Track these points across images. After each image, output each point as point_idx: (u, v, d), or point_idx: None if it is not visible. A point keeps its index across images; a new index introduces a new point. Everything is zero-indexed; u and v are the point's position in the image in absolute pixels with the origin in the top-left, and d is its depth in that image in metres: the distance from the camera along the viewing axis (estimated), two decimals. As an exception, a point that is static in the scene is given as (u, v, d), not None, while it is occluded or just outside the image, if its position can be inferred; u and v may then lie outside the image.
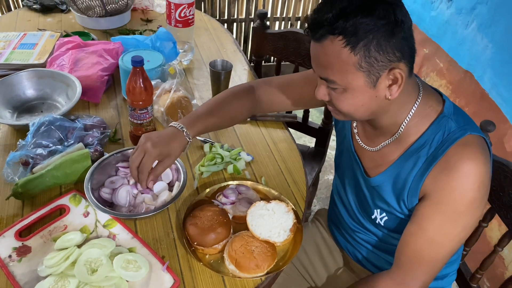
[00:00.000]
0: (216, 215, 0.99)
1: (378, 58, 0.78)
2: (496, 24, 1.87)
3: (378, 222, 1.02)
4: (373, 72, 0.79)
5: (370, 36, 0.76)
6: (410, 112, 0.89)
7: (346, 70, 0.80)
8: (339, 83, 0.82)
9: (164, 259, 0.94)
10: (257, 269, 0.91)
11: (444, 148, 0.85)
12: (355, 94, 0.83)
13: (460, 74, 2.12)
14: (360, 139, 1.03)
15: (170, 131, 0.99)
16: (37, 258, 0.90)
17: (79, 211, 1.01)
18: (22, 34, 1.66)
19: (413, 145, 0.90)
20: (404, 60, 0.80)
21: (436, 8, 2.23)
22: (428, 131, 0.89)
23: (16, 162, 1.08)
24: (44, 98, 1.37)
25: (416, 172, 0.89)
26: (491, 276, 1.95)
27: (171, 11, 1.63)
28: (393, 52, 0.78)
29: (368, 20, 0.75)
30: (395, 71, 0.80)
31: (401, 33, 0.77)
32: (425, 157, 0.88)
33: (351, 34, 0.76)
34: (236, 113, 1.11)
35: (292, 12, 3.03)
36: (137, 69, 1.09)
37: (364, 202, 1.04)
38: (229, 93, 1.12)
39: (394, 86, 0.82)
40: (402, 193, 0.92)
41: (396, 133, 0.92)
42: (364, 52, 0.77)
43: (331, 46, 0.78)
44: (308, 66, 1.70)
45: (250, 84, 1.16)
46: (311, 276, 1.22)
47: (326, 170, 2.60)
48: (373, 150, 0.99)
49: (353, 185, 1.07)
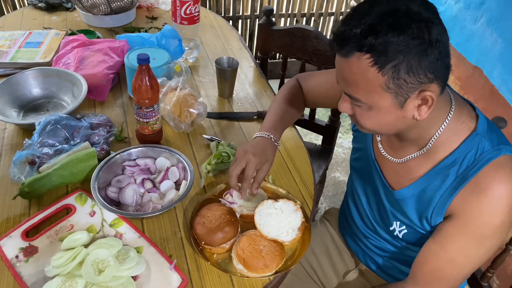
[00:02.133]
0: (224, 214, 0.98)
1: (407, 80, 0.72)
2: (505, 19, 1.84)
3: (396, 234, 0.99)
4: (401, 94, 0.74)
5: (400, 57, 0.70)
6: (441, 127, 0.84)
7: (372, 89, 0.75)
8: (364, 101, 0.78)
9: (171, 258, 0.93)
10: (266, 268, 0.90)
11: (476, 168, 0.81)
12: (380, 114, 0.78)
13: (469, 70, 2.09)
14: (383, 148, 0.98)
15: (262, 141, 1.04)
16: (44, 258, 0.90)
17: (85, 210, 1.01)
18: (27, 33, 1.65)
19: (442, 162, 0.86)
20: (437, 80, 0.74)
21: (444, 3, 2.20)
22: (459, 149, 0.84)
23: (22, 162, 1.07)
24: (50, 97, 1.36)
25: (444, 191, 0.85)
26: (501, 274, 1.93)
27: (177, 8, 1.62)
28: (424, 74, 0.72)
29: (399, 40, 0.68)
30: (426, 94, 0.74)
31: (436, 54, 0.71)
32: (454, 176, 0.84)
33: (380, 53, 0.70)
34: (298, 109, 1.18)
35: (297, 9, 3.01)
36: (143, 67, 1.08)
37: (383, 213, 1.01)
38: (288, 93, 1.18)
39: (423, 107, 0.76)
40: (427, 210, 0.88)
41: (425, 147, 0.87)
42: (393, 73, 0.71)
43: (357, 63, 0.73)
44: (314, 62, 1.69)
45: (296, 80, 1.22)
46: (319, 278, 1.20)
47: (333, 167, 2.58)
48: (397, 162, 0.94)
49: (372, 194, 1.04)
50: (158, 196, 1.06)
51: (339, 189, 2.44)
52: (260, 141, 1.04)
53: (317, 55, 1.66)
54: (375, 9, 0.71)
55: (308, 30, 1.64)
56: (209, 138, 1.27)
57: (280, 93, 1.19)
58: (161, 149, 1.14)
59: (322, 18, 3.10)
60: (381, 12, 0.70)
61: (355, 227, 1.13)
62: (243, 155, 0.99)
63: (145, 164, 1.12)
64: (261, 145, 1.03)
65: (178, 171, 1.10)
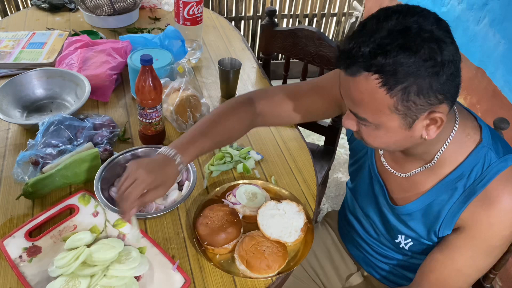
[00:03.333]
0: (226, 214, 0.98)
1: (417, 102, 0.69)
2: (509, 19, 1.83)
3: (402, 246, 0.98)
4: (410, 115, 0.72)
5: (411, 79, 0.66)
6: (446, 142, 0.82)
7: (380, 110, 0.72)
8: (371, 121, 0.75)
9: (174, 258, 0.94)
10: (268, 269, 0.90)
11: (485, 182, 0.80)
12: (388, 134, 0.76)
13: (471, 71, 2.09)
14: (386, 162, 0.95)
15: (163, 159, 0.88)
16: (47, 258, 0.90)
17: (88, 210, 1.01)
18: (31, 34, 1.66)
19: (449, 176, 0.84)
20: (446, 101, 0.71)
21: (447, 4, 2.20)
22: (465, 162, 0.82)
23: (26, 162, 1.08)
24: (53, 98, 1.37)
25: (452, 204, 0.84)
26: (503, 276, 1.92)
27: (180, 9, 1.62)
28: (435, 96, 0.69)
29: (410, 62, 0.65)
30: (435, 115, 0.72)
31: (447, 74, 0.68)
32: (462, 190, 0.82)
33: (389, 74, 0.67)
34: (234, 131, 1.00)
35: (300, 9, 3.01)
36: (146, 68, 1.08)
37: (387, 227, 0.99)
38: (225, 108, 1.00)
39: (432, 127, 0.74)
40: (435, 224, 0.87)
41: (431, 162, 0.85)
42: (402, 95, 0.68)
43: (365, 83, 0.69)
44: (317, 63, 1.69)
45: (249, 96, 1.04)
46: (322, 281, 1.20)
47: (335, 168, 2.58)
48: (402, 176, 0.91)
49: (374, 208, 1.01)
50: (161, 196, 1.06)
51: (341, 190, 2.44)
52: (161, 159, 0.89)
53: (320, 56, 1.66)
54: (385, 25, 0.67)
55: (311, 31, 1.64)
56: (212, 138, 1.27)
57: (216, 108, 1.02)
58: (164, 150, 1.14)
59: (325, 19, 3.10)
60: (392, 30, 0.66)
61: (356, 235, 1.12)
62: (135, 169, 0.86)
63: (148, 164, 1.12)
64: (160, 164, 0.88)
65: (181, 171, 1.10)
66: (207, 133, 0.95)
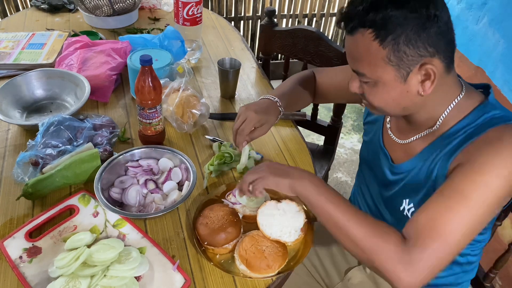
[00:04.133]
0: (226, 214, 0.98)
1: (407, 52, 0.76)
2: (508, 19, 1.83)
3: (405, 214, 0.97)
4: (403, 67, 0.78)
5: (399, 30, 0.75)
6: (450, 106, 0.86)
7: (376, 63, 0.79)
8: (369, 76, 0.82)
9: (174, 258, 0.94)
10: (268, 269, 0.91)
11: (485, 127, 0.80)
12: (385, 89, 0.82)
13: (471, 70, 2.09)
14: (392, 133, 1.02)
15: (267, 102, 1.09)
16: (47, 259, 0.90)
17: (88, 211, 1.01)
18: (30, 34, 1.66)
19: (449, 130, 0.87)
20: (438, 55, 0.78)
21: (446, 3, 2.20)
22: (469, 116, 0.85)
23: (26, 162, 1.08)
24: (53, 98, 1.37)
25: (448, 150, 0.85)
26: (504, 275, 1.92)
27: (179, 9, 1.63)
28: (424, 47, 0.76)
29: (398, 13, 0.74)
30: (427, 67, 0.78)
31: (435, 28, 0.75)
32: (459, 139, 0.84)
33: (380, 27, 0.75)
34: (305, 97, 1.22)
35: (299, 9, 3.01)
36: (145, 68, 1.08)
37: (391, 194, 1.02)
38: (299, 77, 1.22)
39: (427, 82, 0.80)
40: (431, 174, 0.88)
41: (433, 127, 0.90)
42: (393, 46, 0.76)
43: (361, 38, 0.78)
44: (316, 63, 1.69)
45: (311, 70, 1.25)
46: (321, 276, 1.21)
47: (335, 168, 2.58)
48: (403, 143, 0.97)
49: (380, 177, 1.05)
50: (161, 196, 1.06)
51: (341, 190, 2.44)
52: (265, 102, 1.09)
53: (319, 55, 1.66)
54: None
55: (310, 31, 1.64)
56: (212, 138, 1.27)
57: (293, 76, 1.24)
58: (163, 150, 1.14)
59: (324, 19, 3.10)
60: None
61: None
62: (244, 111, 1.05)
63: (148, 164, 1.12)
64: (264, 106, 1.08)
65: (181, 171, 1.10)
66: (291, 93, 1.18)
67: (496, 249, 1.31)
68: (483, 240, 1.01)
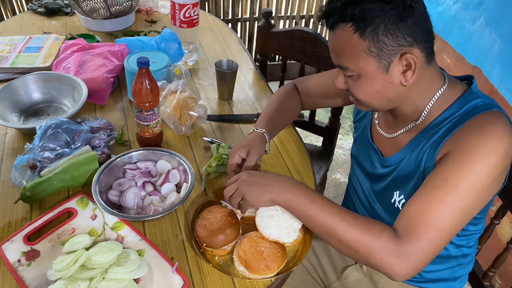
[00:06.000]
0: (225, 216, 0.98)
1: (387, 42, 0.79)
2: (504, 18, 1.84)
3: (396, 206, 0.98)
4: (384, 57, 0.80)
5: (377, 21, 0.77)
6: (434, 98, 0.89)
7: (357, 56, 0.81)
8: (352, 69, 0.84)
9: (173, 260, 0.94)
10: (267, 270, 0.90)
11: (469, 116, 0.83)
12: (369, 81, 0.84)
13: (468, 70, 2.09)
14: (381, 128, 1.04)
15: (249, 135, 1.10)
16: (46, 262, 0.90)
17: (86, 214, 1.01)
18: (27, 38, 1.66)
19: (434, 121, 0.89)
20: (417, 45, 0.80)
21: (443, 3, 2.21)
22: (453, 106, 0.87)
23: (23, 166, 1.08)
24: (51, 101, 1.37)
25: (434, 139, 0.87)
26: (502, 273, 1.92)
27: (176, 11, 1.63)
28: (403, 37, 0.79)
29: (375, 5, 0.77)
30: (407, 56, 0.80)
31: (411, 18, 0.78)
32: (447, 127, 0.86)
33: (359, 20, 0.78)
34: (292, 111, 1.23)
35: (296, 11, 3.02)
36: (143, 71, 1.08)
37: (381, 187, 1.03)
38: (281, 95, 1.22)
39: (408, 72, 0.82)
40: (420, 165, 0.89)
41: (418, 120, 0.92)
42: (373, 37, 0.79)
43: (342, 33, 0.81)
44: (314, 64, 1.69)
45: (293, 82, 1.27)
46: (318, 275, 1.21)
47: (333, 169, 2.58)
48: (391, 137, 0.99)
49: (370, 172, 1.07)
50: (159, 199, 1.06)
51: (340, 191, 2.45)
52: (250, 136, 1.10)
53: (317, 56, 1.66)
54: None
55: (307, 32, 1.64)
56: (210, 140, 1.27)
57: (275, 95, 1.24)
58: (161, 152, 1.14)
59: (321, 20, 3.11)
60: None
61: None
62: (230, 154, 1.05)
63: (146, 167, 1.12)
64: (247, 138, 1.09)
65: (179, 173, 1.10)
66: (277, 116, 1.17)
67: (495, 247, 1.31)
68: (477, 232, 1.02)
